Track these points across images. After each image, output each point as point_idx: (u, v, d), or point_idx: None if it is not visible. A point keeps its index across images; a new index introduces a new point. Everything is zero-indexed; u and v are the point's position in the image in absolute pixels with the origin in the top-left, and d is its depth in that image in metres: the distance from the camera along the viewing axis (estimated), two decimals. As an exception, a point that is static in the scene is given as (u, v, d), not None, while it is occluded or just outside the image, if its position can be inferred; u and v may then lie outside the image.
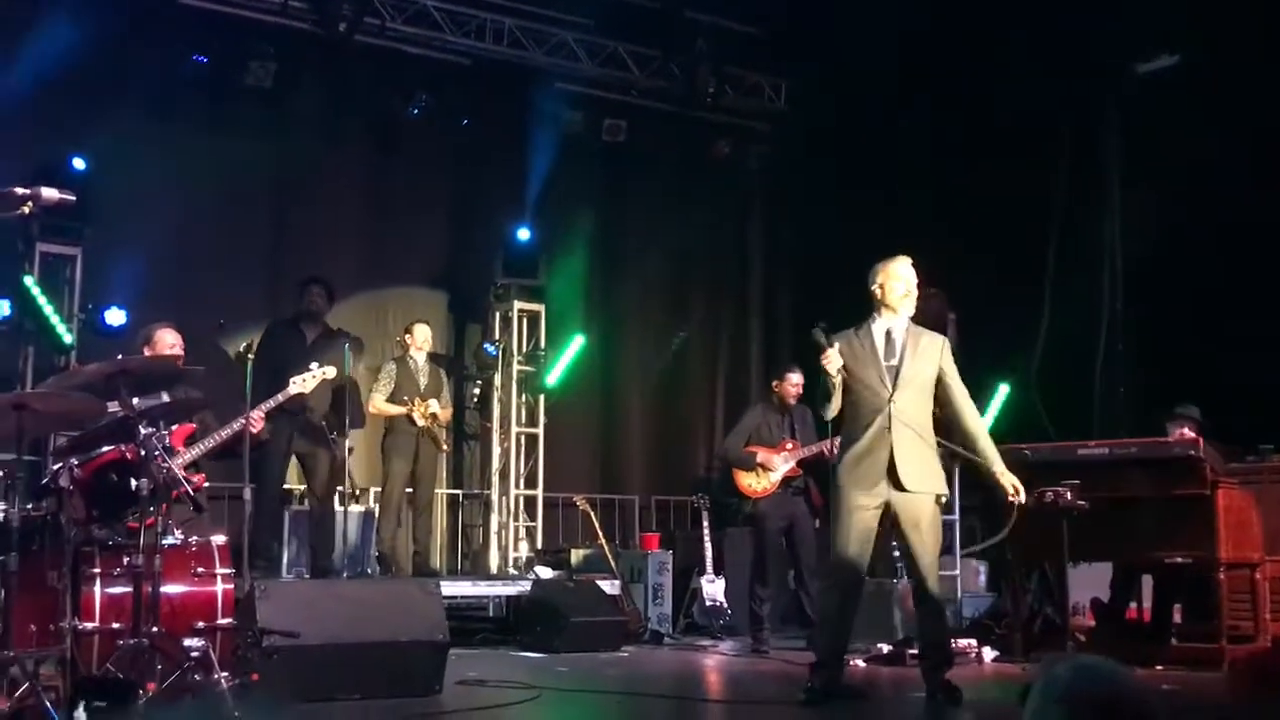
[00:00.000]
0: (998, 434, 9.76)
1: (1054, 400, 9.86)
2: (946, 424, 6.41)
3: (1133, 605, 8.53)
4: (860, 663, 7.94)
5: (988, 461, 6.29)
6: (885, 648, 8.33)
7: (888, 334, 6.22)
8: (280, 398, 7.48)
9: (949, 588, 10.04)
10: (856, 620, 6.37)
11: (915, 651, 7.03)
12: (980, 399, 10.10)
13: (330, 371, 7.92)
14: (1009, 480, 6.28)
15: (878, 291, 6.24)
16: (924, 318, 9.96)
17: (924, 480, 6.12)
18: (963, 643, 8.41)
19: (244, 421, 6.91)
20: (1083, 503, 7.44)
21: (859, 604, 6.37)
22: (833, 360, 6.10)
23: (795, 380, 9.05)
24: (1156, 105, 9.52)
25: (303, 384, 7.63)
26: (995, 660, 8.28)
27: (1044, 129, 10.08)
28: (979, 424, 6.41)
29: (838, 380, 6.14)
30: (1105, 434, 8.65)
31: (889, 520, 6.13)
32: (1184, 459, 7.63)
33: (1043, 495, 7.69)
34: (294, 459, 9.19)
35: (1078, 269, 9.95)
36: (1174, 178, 9.34)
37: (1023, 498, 6.34)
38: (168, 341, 6.98)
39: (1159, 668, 7.39)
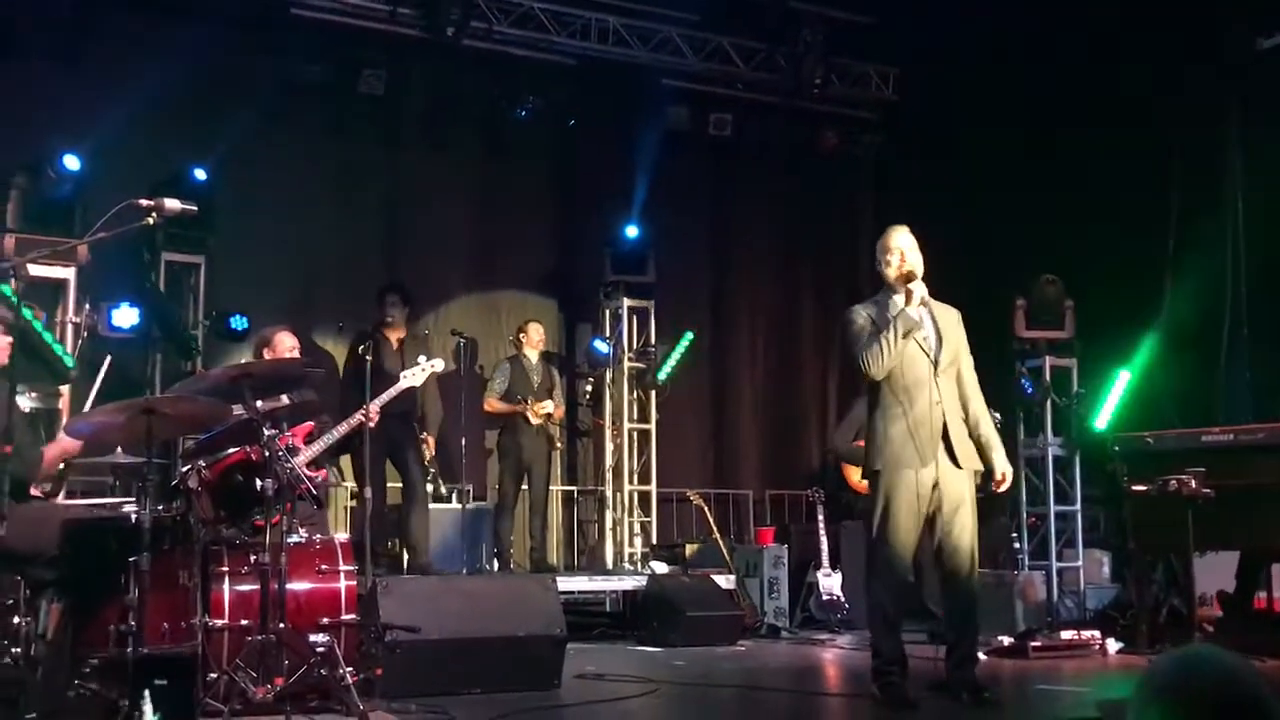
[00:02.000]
0: (1121, 422, 9.74)
1: (1177, 387, 9.62)
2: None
3: (1260, 595, 8.30)
4: (982, 655, 7.83)
5: (988, 448, 5.99)
6: (1006, 640, 8.22)
7: (886, 306, 5.93)
8: (393, 391, 7.63)
9: (1074, 579, 9.90)
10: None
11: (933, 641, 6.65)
12: (1101, 387, 9.99)
13: (439, 364, 8.08)
14: (1002, 467, 5.99)
15: (882, 267, 6.01)
16: (1042, 304, 9.92)
17: (972, 457, 5.88)
18: (1087, 634, 8.29)
19: (361, 416, 7.08)
20: (1208, 491, 7.27)
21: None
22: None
23: None
24: (1278, 80, 9.24)
25: (414, 378, 7.78)
26: (1120, 652, 8.13)
27: (1162, 109, 9.84)
28: (983, 407, 6.07)
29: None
30: (1230, 420, 8.44)
31: (935, 502, 5.80)
32: (1313, 444, 7.41)
33: (1167, 484, 7.55)
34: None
35: (1199, 251, 9.70)
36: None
37: (1007, 485, 6.06)
38: (287, 344, 7.16)
39: (1290, 659, 7.17)
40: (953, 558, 5.84)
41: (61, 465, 5.91)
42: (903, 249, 5.97)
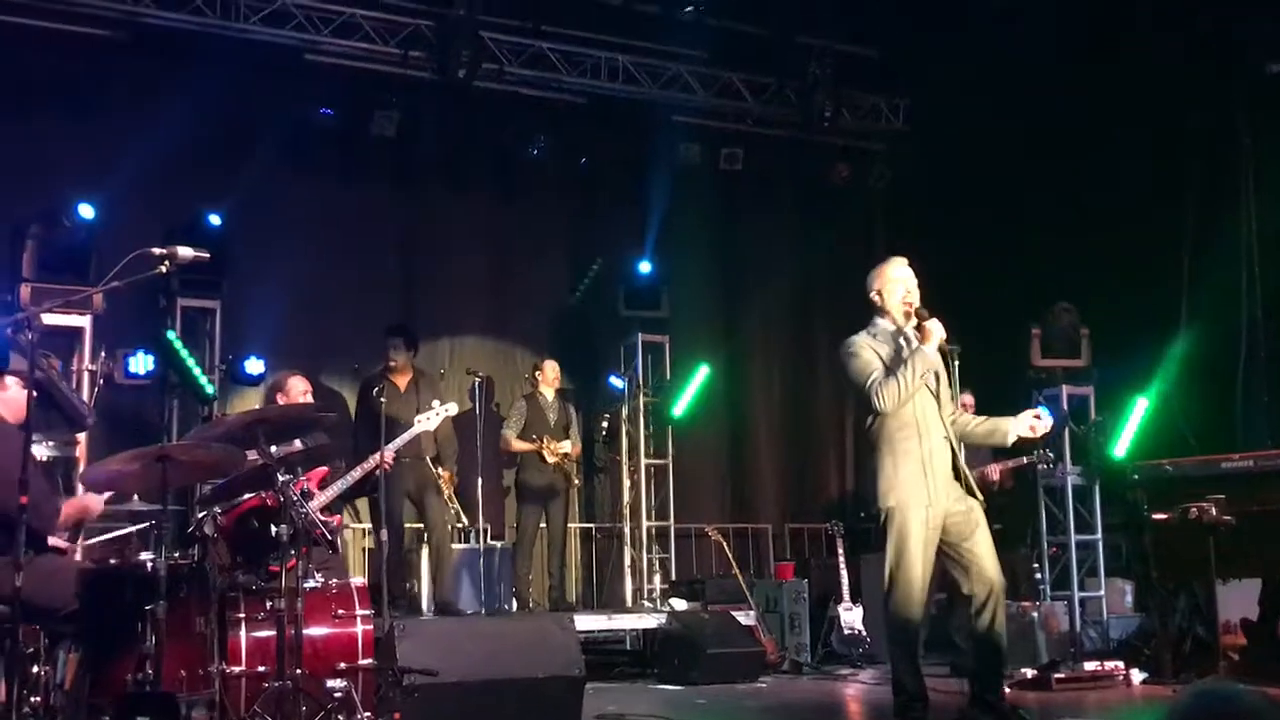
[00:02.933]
0: (1140, 450, 9.68)
1: (1195, 413, 9.56)
2: None
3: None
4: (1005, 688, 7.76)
5: (994, 424, 6.01)
6: (1030, 672, 8.15)
7: (906, 338, 5.88)
8: (407, 436, 7.66)
9: (1096, 609, 9.82)
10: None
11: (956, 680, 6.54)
12: (1119, 414, 9.94)
13: (453, 408, 8.12)
14: (1021, 419, 5.98)
15: (876, 298, 5.96)
16: (1057, 333, 9.89)
17: (975, 486, 5.90)
18: (1110, 665, 8.22)
19: (375, 460, 7.09)
20: (1229, 518, 7.21)
21: None
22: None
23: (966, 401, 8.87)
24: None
25: (427, 422, 7.81)
26: (1144, 682, 8.06)
27: (1174, 135, 9.83)
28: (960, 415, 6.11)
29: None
30: (1249, 446, 8.37)
31: (954, 532, 5.76)
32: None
33: (1188, 511, 7.49)
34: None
35: (1214, 278, 9.66)
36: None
37: (1042, 419, 5.99)
38: (299, 389, 7.19)
39: (1318, 687, 7.09)
40: (980, 580, 5.76)
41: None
42: (910, 282, 5.93)
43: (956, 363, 6.02)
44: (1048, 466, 9.52)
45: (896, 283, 5.92)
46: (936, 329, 5.76)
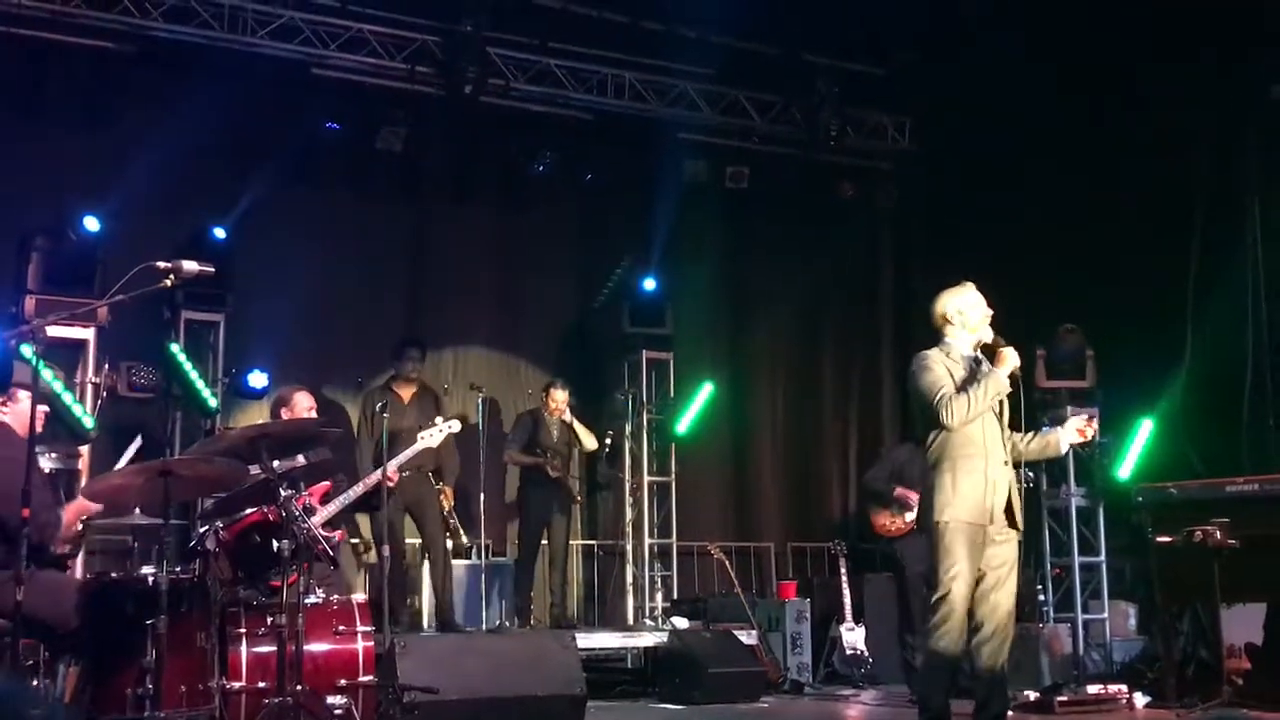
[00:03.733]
0: (1145, 473, 9.66)
1: (1200, 436, 9.53)
2: None
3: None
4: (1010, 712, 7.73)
5: (1044, 439, 6.05)
6: (1032, 695, 8.11)
7: (978, 360, 5.92)
8: (410, 453, 7.67)
9: (1100, 631, 9.79)
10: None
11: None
12: (1123, 437, 9.92)
13: (455, 425, 8.13)
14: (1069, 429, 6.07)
15: (956, 317, 5.96)
16: (1062, 354, 9.88)
17: (1022, 520, 5.89)
18: (1114, 688, 8.18)
19: (378, 476, 7.09)
20: (1234, 541, 7.18)
21: None
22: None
23: None
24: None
25: (430, 439, 7.82)
26: (1148, 706, 8.02)
27: (1179, 158, 9.82)
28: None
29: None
30: (1256, 469, 8.35)
31: (989, 559, 5.77)
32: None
33: (1192, 534, 7.47)
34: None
35: (1220, 299, 9.64)
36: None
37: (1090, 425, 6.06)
38: (304, 404, 7.19)
39: (1322, 713, 7.06)
40: (994, 614, 5.77)
41: (80, 524, 5.91)
42: (983, 304, 5.96)
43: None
44: (1029, 486, 9.41)
45: (978, 305, 5.98)
46: (1012, 357, 5.84)
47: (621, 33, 11.20)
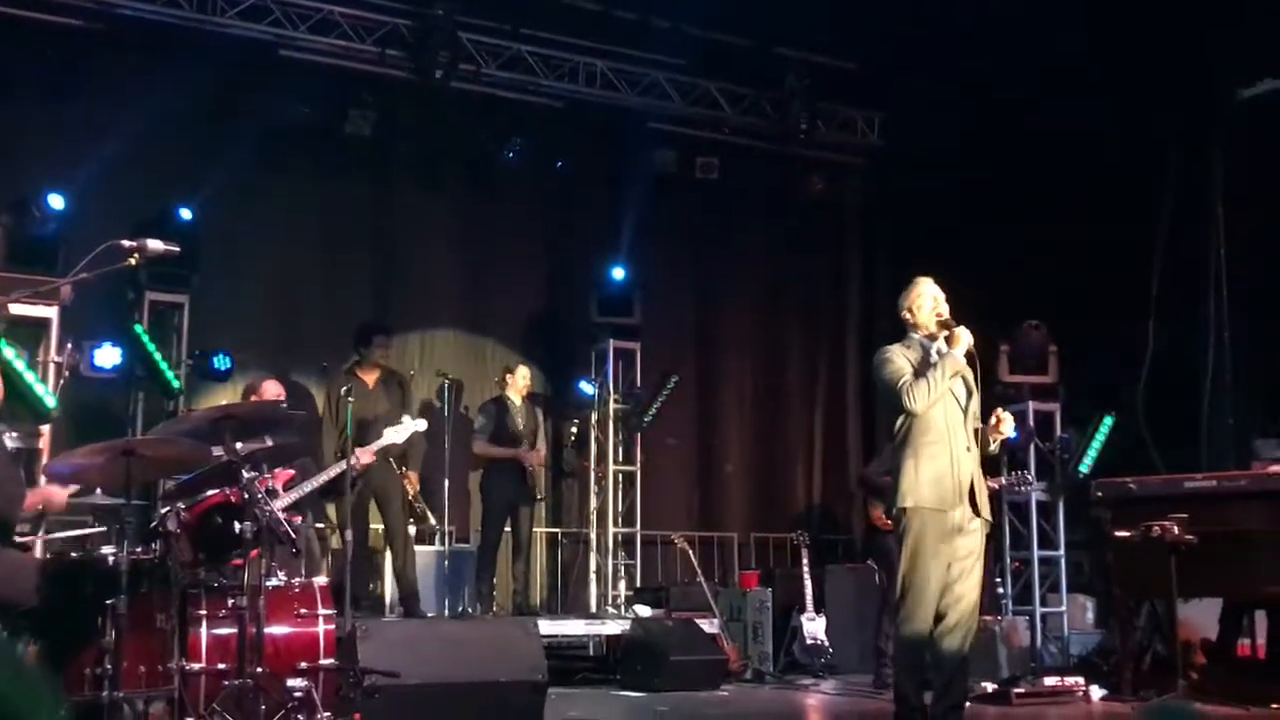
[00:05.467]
0: (1103, 467, 9.75)
1: (1160, 432, 9.63)
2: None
3: (1244, 642, 8.28)
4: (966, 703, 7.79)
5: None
6: (990, 686, 8.18)
7: (939, 351, 5.97)
8: (375, 447, 7.69)
9: (1058, 624, 9.87)
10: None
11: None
12: (1084, 432, 10.01)
13: (422, 424, 8.18)
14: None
15: (908, 315, 6.07)
16: (1025, 349, 9.95)
17: (986, 507, 5.92)
18: (1070, 681, 8.25)
19: (346, 464, 7.08)
20: (1191, 537, 7.26)
21: None
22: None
23: None
24: (1261, 130, 9.32)
25: (395, 435, 7.83)
26: (1104, 699, 8.10)
27: (1146, 157, 9.90)
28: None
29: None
30: (1213, 466, 8.44)
31: (954, 549, 5.80)
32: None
33: (1150, 529, 7.54)
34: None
35: (1183, 298, 9.74)
36: (1280, 203, 9.14)
37: (1004, 421, 5.99)
38: (272, 392, 7.19)
39: (1275, 706, 7.14)
40: (957, 605, 5.80)
41: (41, 505, 5.87)
42: (938, 296, 6.04)
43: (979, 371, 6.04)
44: (1022, 489, 9.45)
45: (925, 297, 6.05)
46: (965, 335, 5.88)
47: (594, 21, 11.19)
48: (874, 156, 12.71)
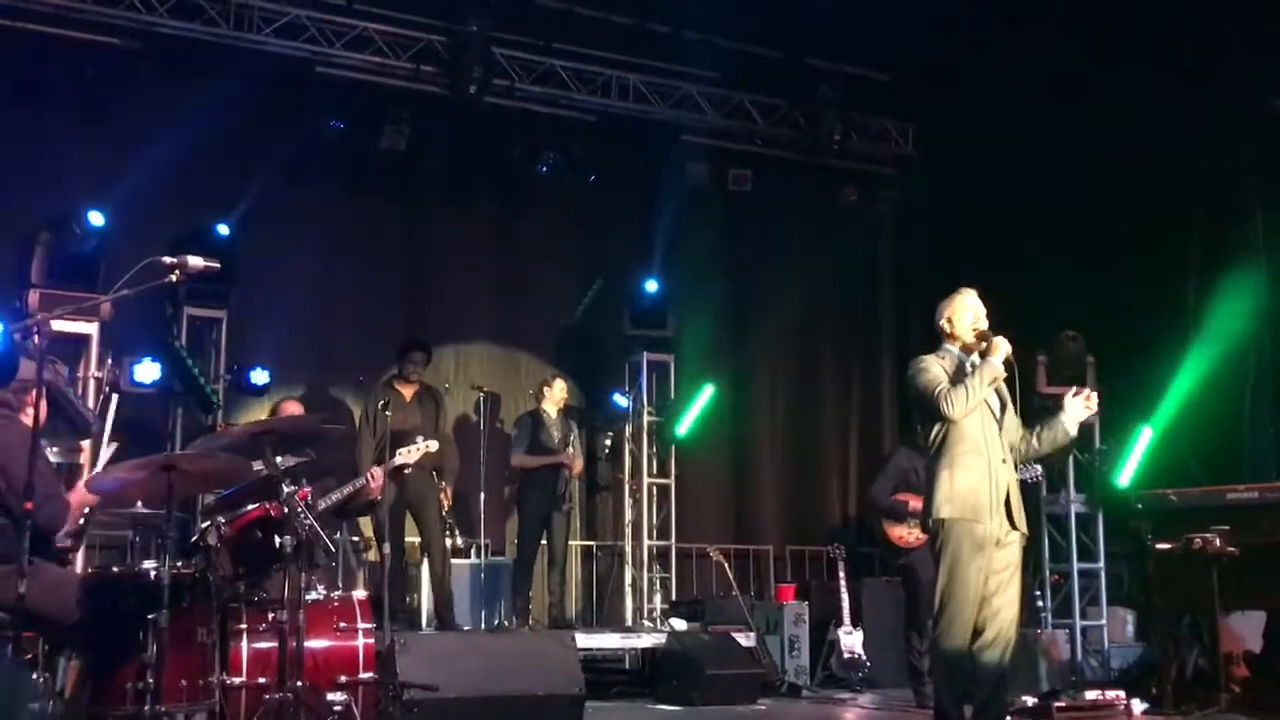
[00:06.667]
0: (1145, 479, 9.67)
1: (1201, 443, 9.55)
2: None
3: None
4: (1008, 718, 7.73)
5: (1050, 422, 5.94)
6: (1030, 700, 8.11)
7: (973, 363, 5.90)
8: (389, 465, 7.76)
9: (1098, 638, 9.79)
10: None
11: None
12: (1124, 443, 9.93)
13: (434, 445, 8.20)
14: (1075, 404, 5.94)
15: (945, 325, 5.99)
16: (1063, 360, 9.88)
17: (1023, 520, 5.85)
18: (1111, 695, 8.17)
19: (363, 481, 7.14)
20: (1233, 549, 7.19)
21: None
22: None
23: None
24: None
25: (408, 455, 7.88)
26: (1145, 713, 8.00)
27: (1181, 167, 9.84)
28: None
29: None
30: (1255, 477, 8.36)
31: (991, 561, 5.72)
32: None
33: (1191, 542, 7.48)
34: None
35: (1222, 308, 9.65)
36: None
37: (1091, 398, 5.97)
38: (291, 412, 7.21)
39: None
40: (995, 618, 5.73)
41: (82, 518, 5.90)
42: (978, 309, 5.97)
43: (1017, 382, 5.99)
44: (1031, 480, 9.30)
45: (966, 309, 5.97)
46: (1003, 344, 5.81)
47: (627, 35, 11.23)
48: (907, 167, 12.66)
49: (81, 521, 5.89)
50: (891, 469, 9.02)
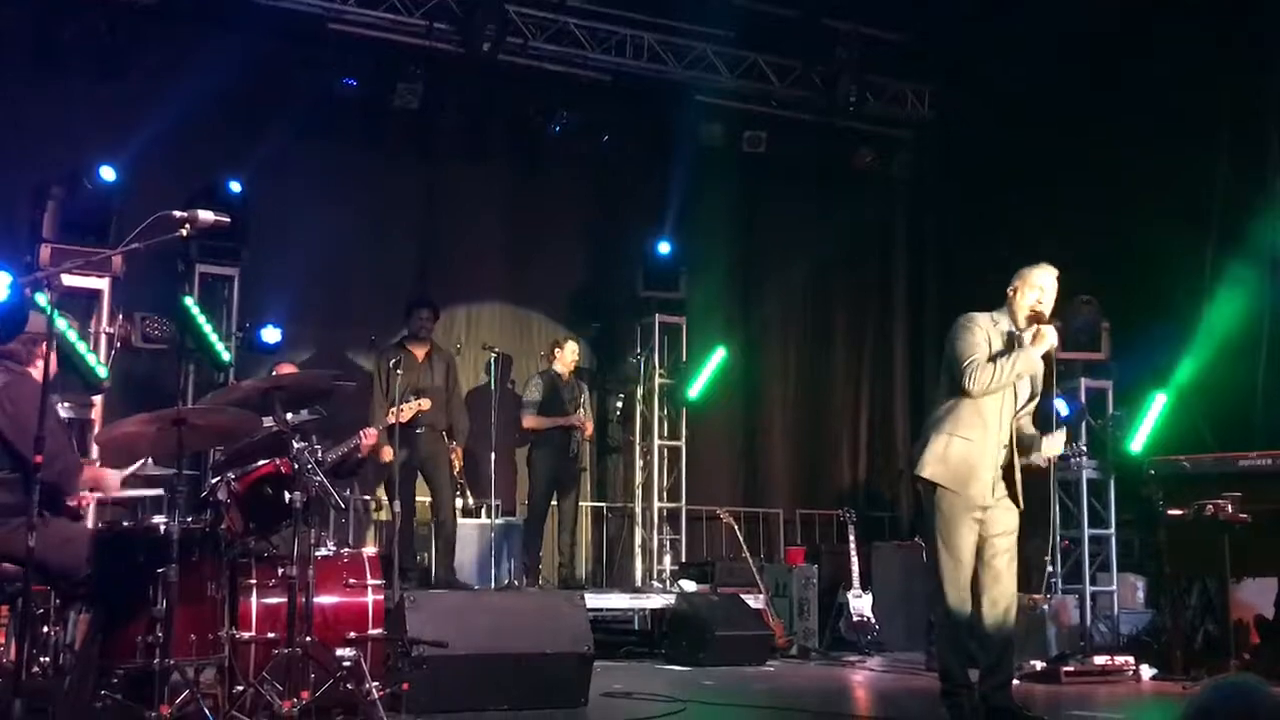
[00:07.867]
0: (1157, 446, 9.63)
1: (1213, 410, 9.50)
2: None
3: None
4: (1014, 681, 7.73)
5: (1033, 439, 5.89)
6: (1039, 665, 8.13)
7: (1019, 340, 5.79)
8: (381, 427, 7.79)
9: (1108, 603, 9.79)
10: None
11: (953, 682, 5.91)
12: (1137, 409, 9.89)
13: (425, 403, 8.36)
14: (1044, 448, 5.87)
15: (1010, 292, 5.87)
16: (1077, 325, 9.82)
17: (1021, 498, 5.81)
18: (1120, 660, 8.19)
19: (356, 440, 7.19)
20: (1245, 515, 7.17)
21: None
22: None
23: None
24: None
25: (399, 414, 7.90)
26: (1154, 678, 8.03)
27: (1201, 131, 9.75)
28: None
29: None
30: (1269, 444, 8.32)
31: (985, 527, 5.74)
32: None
33: (1203, 508, 7.46)
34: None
35: (1237, 276, 9.58)
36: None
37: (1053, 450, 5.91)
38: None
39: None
40: (996, 581, 5.75)
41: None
42: (1048, 290, 5.84)
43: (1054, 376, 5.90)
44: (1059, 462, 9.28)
45: (1034, 288, 5.83)
46: (1050, 336, 5.71)
47: (641, -7, 11.13)
48: (924, 130, 12.57)
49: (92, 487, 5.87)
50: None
